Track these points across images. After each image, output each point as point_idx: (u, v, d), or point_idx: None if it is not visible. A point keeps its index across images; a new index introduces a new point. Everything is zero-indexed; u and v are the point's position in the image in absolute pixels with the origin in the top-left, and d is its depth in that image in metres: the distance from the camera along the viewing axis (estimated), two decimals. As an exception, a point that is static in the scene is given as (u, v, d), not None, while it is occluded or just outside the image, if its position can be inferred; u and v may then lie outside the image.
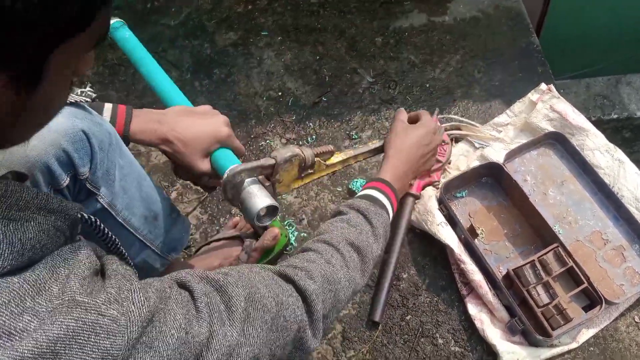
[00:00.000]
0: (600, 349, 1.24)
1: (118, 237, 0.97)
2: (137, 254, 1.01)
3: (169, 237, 1.06)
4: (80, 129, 0.81)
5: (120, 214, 0.93)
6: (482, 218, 1.39)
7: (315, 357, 1.26)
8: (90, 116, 0.84)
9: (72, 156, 0.81)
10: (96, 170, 0.86)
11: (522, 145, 1.43)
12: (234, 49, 1.84)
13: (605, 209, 1.37)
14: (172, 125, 0.92)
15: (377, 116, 1.64)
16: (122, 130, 0.90)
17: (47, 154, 0.78)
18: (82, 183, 0.85)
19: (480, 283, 1.25)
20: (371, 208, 0.94)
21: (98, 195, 0.89)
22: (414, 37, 1.82)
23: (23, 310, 0.45)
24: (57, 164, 0.79)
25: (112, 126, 0.88)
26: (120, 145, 0.91)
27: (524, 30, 1.81)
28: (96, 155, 0.85)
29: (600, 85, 2.10)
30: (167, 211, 1.04)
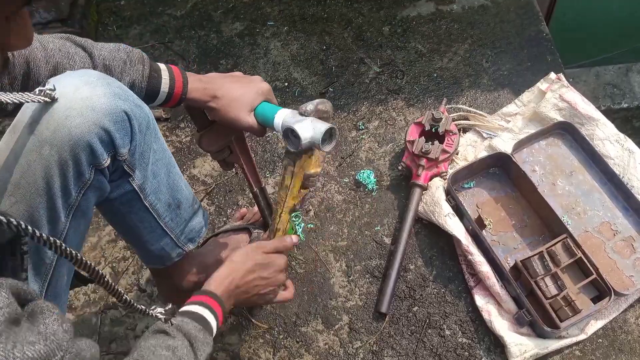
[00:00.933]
0: (609, 341, 1.24)
1: (141, 222, 0.97)
2: (156, 240, 1.02)
3: (188, 227, 1.06)
4: (123, 110, 0.81)
5: (148, 198, 0.94)
6: (490, 209, 1.38)
7: (322, 348, 1.27)
8: (132, 97, 0.84)
9: (113, 136, 0.81)
10: (135, 151, 0.87)
11: (531, 135, 1.42)
12: (240, 39, 1.83)
13: (615, 199, 1.36)
14: (219, 84, 0.98)
15: (384, 106, 1.63)
16: (181, 89, 0.95)
17: (90, 133, 0.78)
18: (119, 163, 0.86)
19: (487, 274, 1.24)
20: (199, 336, 0.83)
21: (131, 177, 0.89)
22: (422, 26, 1.80)
23: None
24: (99, 143, 0.80)
25: (150, 110, 0.89)
26: (156, 129, 0.93)
27: (533, 19, 1.78)
28: (136, 137, 0.85)
29: (611, 74, 2.08)
30: (190, 201, 1.05)
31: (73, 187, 0.81)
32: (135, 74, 0.92)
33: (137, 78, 0.92)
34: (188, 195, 1.04)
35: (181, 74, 0.96)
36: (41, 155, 0.77)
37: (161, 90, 0.95)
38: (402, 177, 1.48)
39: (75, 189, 0.82)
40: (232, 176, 1.54)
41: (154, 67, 0.94)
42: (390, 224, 1.42)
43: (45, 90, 0.75)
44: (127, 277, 1.40)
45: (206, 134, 1.07)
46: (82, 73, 0.81)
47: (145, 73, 0.93)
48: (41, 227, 0.80)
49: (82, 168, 0.80)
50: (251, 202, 1.49)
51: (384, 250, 1.38)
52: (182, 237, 1.06)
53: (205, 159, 1.58)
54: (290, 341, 1.28)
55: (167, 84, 0.94)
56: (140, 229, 0.99)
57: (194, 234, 1.08)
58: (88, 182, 0.82)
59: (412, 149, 1.39)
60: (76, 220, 0.85)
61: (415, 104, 1.63)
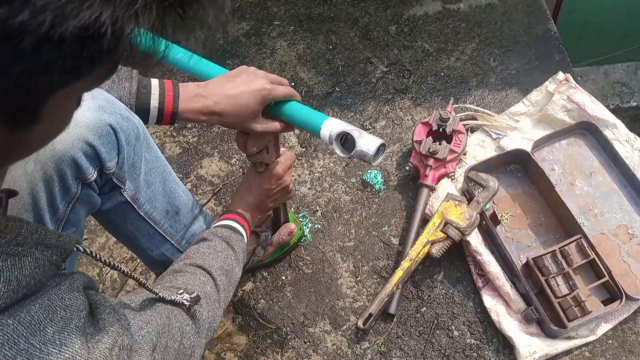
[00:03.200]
0: (619, 342, 1.23)
1: (138, 230, 0.97)
2: (156, 247, 1.02)
3: (189, 232, 1.06)
4: (108, 124, 0.80)
5: (143, 207, 0.94)
6: (506, 205, 1.37)
7: (330, 349, 1.26)
8: (119, 109, 0.83)
9: (99, 150, 0.81)
10: (123, 164, 0.86)
11: (552, 134, 1.41)
12: (247, 39, 1.83)
13: (634, 203, 1.34)
14: (217, 98, 0.91)
15: (391, 106, 1.63)
16: (170, 109, 0.89)
17: (73, 148, 0.78)
18: (108, 177, 0.86)
19: (497, 274, 1.23)
20: (232, 235, 0.99)
21: (122, 189, 0.89)
22: (429, 25, 1.79)
23: (17, 353, 0.44)
24: (84, 158, 0.79)
25: (140, 120, 0.88)
26: (148, 139, 0.92)
27: (541, 17, 1.77)
28: (123, 150, 0.85)
29: (620, 72, 2.06)
30: (189, 207, 1.05)
31: (60, 202, 0.81)
32: (121, 91, 0.88)
33: (123, 95, 0.88)
34: (187, 201, 1.04)
35: (172, 89, 0.90)
36: (26, 171, 0.77)
37: (151, 106, 0.90)
38: (409, 177, 1.48)
39: (63, 203, 0.82)
40: (239, 176, 1.54)
41: (143, 83, 0.90)
42: (397, 225, 1.41)
43: None
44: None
45: (251, 136, 1.01)
46: None
47: (132, 90, 0.89)
48: None
49: (68, 183, 0.80)
50: (258, 202, 1.49)
51: (391, 250, 1.38)
52: (184, 242, 1.06)
53: (212, 159, 1.58)
54: (298, 341, 1.28)
55: (157, 100, 0.89)
56: (138, 237, 0.99)
57: (195, 238, 1.08)
58: (75, 196, 0.82)
59: (419, 149, 1.39)
60: None
61: (423, 104, 1.62)
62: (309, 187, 1.50)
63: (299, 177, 1.52)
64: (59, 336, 0.47)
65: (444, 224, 1.24)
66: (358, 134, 0.90)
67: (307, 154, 1.56)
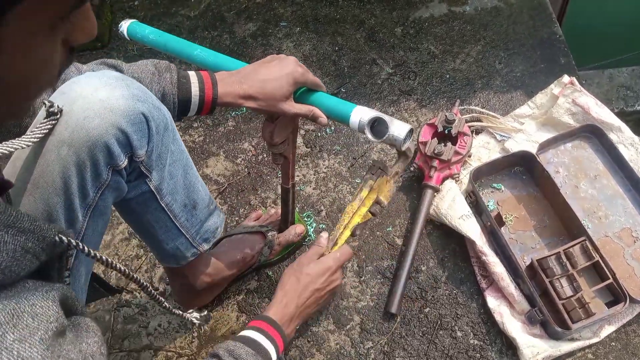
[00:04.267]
0: (622, 344, 1.23)
1: (157, 222, 0.98)
2: (171, 240, 1.03)
3: (204, 227, 1.07)
4: (141, 112, 0.82)
5: (164, 199, 0.95)
6: (511, 207, 1.38)
7: (334, 348, 1.27)
8: (151, 99, 0.85)
9: (131, 138, 0.82)
10: (152, 153, 0.87)
11: (557, 137, 1.42)
12: (253, 39, 1.84)
13: (638, 206, 1.35)
14: (251, 82, 0.95)
15: (396, 107, 1.63)
16: (211, 94, 0.93)
17: (107, 134, 0.79)
18: (136, 165, 0.87)
19: (501, 275, 1.24)
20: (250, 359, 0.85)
21: (148, 178, 0.90)
22: (434, 27, 1.80)
23: None
24: (116, 145, 0.80)
25: (168, 111, 0.90)
26: (175, 131, 0.93)
27: (546, 20, 1.78)
28: (153, 139, 0.86)
29: (624, 76, 2.06)
30: (206, 202, 1.06)
31: (91, 187, 0.82)
32: (163, 82, 0.92)
33: (166, 86, 0.92)
34: (204, 196, 1.05)
35: (210, 77, 0.94)
36: (59, 155, 0.78)
37: (192, 94, 0.93)
38: (414, 178, 1.48)
39: (93, 189, 0.83)
40: (245, 176, 1.55)
41: (181, 74, 0.94)
42: (402, 225, 1.42)
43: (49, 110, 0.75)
44: (140, 275, 1.41)
45: (278, 125, 1.04)
46: (101, 74, 0.82)
47: (174, 80, 0.93)
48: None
49: (100, 169, 0.81)
50: (263, 201, 1.50)
51: (395, 251, 1.38)
52: (197, 237, 1.06)
53: (218, 159, 1.59)
54: (301, 341, 1.29)
55: (197, 88, 0.93)
56: (156, 229, 1.00)
57: (209, 234, 1.09)
58: (105, 183, 0.83)
59: (424, 150, 1.39)
60: (94, 220, 0.86)
61: (428, 105, 1.63)
62: (313, 187, 1.51)
63: (303, 177, 1.53)
64: (18, 345, 0.43)
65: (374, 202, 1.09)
66: (389, 119, 0.94)
67: (312, 154, 1.57)
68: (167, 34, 1.10)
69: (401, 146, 0.95)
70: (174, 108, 0.93)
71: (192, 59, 1.08)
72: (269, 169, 1.55)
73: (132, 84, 0.83)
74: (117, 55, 1.87)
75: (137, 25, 1.11)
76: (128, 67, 0.91)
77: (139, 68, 0.91)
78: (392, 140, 0.94)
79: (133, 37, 1.12)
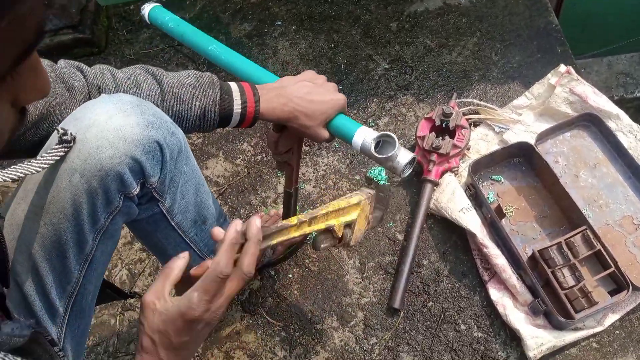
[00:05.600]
0: (627, 332, 1.23)
1: (166, 239, 0.98)
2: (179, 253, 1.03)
3: (212, 240, 1.07)
4: (155, 140, 0.80)
5: (175, 218, 0.95)
6: (511, 198, 1.38)
7: (338, 345, 1.27)
8: (166, 125, 0.83)
9: (144, 166, 0.81)
10: (165, 179, 0.87)
11: (555, 127, 1.41)
12: (249, 39, 1.84)
13: (639, 193, 1.34)
14: (297, 101, 0.93)
15: (393, 102, 1.63)
16: (253, 112, 0.91)
17: (120, 163, 0.78)
18: (148, 190, 0.86)
19: (503, 267, 1.24)
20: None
21: (160, 202, 0.90)
22: (430, 21, 1.79)
23: None
24: (129, 173, 0.80)
25: (182, 133, 0.88)
26: (188, 152, 0.92)
27: (542, 10, 1.77)
28: (167, 165, 0.85)
29: (623, 63, 2.05)
30: (215, 216, 1.05)
31: (101, 214, 0.82)
32: (206, 98, 0.89)
33: (208, 103, 0.89)
34: (214, 211, 1.05)
35: (252, 92, 0.91)
36: (71, 183, 0.77)
37: (234, 111, 0.91)
38: (413, 173, 1.48)
39: (104, 215, 0.82)
40: (244, 176, 1.55)
41: (224, 88, 0.91)
42: (402, 220, 1.42)
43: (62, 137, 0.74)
44: (143, 279, 1.42)
45: (283, 136, 1.03)
46: (116, 99, 0.80)
47: (217, 97, 0.89)
48: (68, 250, 0.81)
49: (112, 196, 0.80)
50: (264, 201, 1.50)
51: (396, 246, 1.39)
52: (206, 249, 1.07)
53: (217, 160, 1.59)
54: (306, 338, 1.29)
55: (239, 105, 0.90)
56: (165, 245, 1.00)
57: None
58: (117, 209, 0.83)
59: (422, 144, 1.39)
60: (103, 242, 0.86)
61: (425, 99, 1.63)
62: (313, 185, 1.51)
63: (303, 175, 1.53)
64: None
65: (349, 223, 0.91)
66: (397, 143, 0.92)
67: (312, 152, 1.57)
68: (186, 24, 1.07)
69: (401, 173, 0.92)
70: (213, 124, 0.91)
71: (206, 53, 1.05)
72: (268, 168, 1.56)
73: (147, 110, 0.81)
74: (114, 60, 1.88)
75: (159, 10, 1.09)
76: (168, 81, 0.88)
77: (179, 82, 0.88)
78: (394, 162, 0.92)
79: (153, 21, 1.10)
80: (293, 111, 0.93)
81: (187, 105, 0.88)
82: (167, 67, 1.82)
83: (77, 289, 0.86)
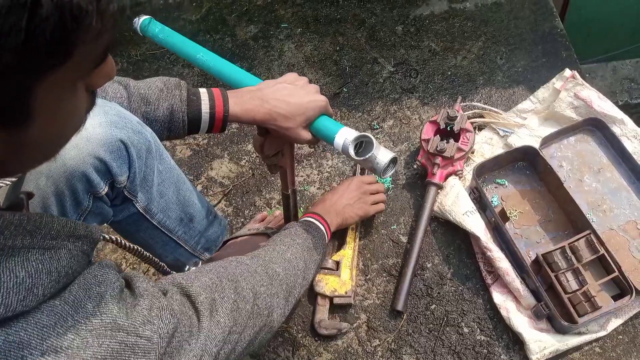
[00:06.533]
0: (630, 337, 1.23)
1: (152, 238, 0.99)
2: (170, 252, 1.04)
3: (204, 237, 1.08)
4: (119, 139, 0.81)
5: (156, 217, 0.95)
6: (515, 202, 1.38)
7: (341, 347, 1.28)
8: (131, 124, 0.83)
9: (110, 165, 0.82)
10: (134, 178, 0.87)
11: (560, 131, 1.41)
12: (255, 42, 1.85)
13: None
14: (274, 103, 0.92)
15: (398, 105, 1.64)
16: (222, 112, 0.90)
17: (84, 164, 0.79)
18: (119, 190, 0.87)
19: (507, 270, 1.24)
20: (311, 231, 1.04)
21: (134, 201, 0.90)
22: (435, 24, 1.80)
23: (66, 329, 0.48)
24: (95, 173, 0.80)
25: (152, 132, 0.88)
26: (161, 151, 0.92)
27: (547, 14, 1.77)
28: (134, 164, 0.85)
29: (628, 68, 2.06)
30: (203, 214, 1.06)
31: (72, 215, 0.82)
32: (172, 99, 0.89)
33: (175, 103, 0.89)
34: (201, 208, 1.05)
35: (221, 93, 0.91)
36: (38, 186, 0.78)
37: (202, 111, 0.90)
38: (417, 175, 1.49)
39: (74, 216, 0.83)
40: (249, 177, 1.56)
41: (192, 91, 0.91)
42: (406, 223, 1.42)
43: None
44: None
45: (268, 139, 1.02)
46: None
47: (183, 97, 0.90)
48: None
49: (80, 197, 0.81)
50: (268, 202, 1.51)
51: (400, 248, 1.39)
52: (199, 247, 1.07)
53: (222, 161, 1.60)
54: (309, 340, 1.30)
55: (207, 104, 0.90)
56: (152, 244, 1.01)
57: (210, 243, 1.10)
58: (87, 209, 0.84)
59: (427, 147, 1.40)
60: None
61: (430, 103, 1.63)
62: (317, 187, 1.52)
63: (307, 177, 1.54)
64: (97, 309, 0.52)
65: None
66: (376, 143, 0.92)
67: (316, 154, 1.58)
68: (176, 34, 1.09)
69: (382, 173, 0.92)
70: (183, 125, 0.90)
71: (195, 61, 1.07)
72: (273, 170, 1.56)
73: (110, 110, 0.81)
74: (120, 61, 1.89)
75: (151, 22, 1.12)
76: (135, 85, 0.89)
77: (146, 85, 0.90)
78: (373, 163, 0.91)
79: (145, 33, 1.12)
80: (270, 112, 0.91)
81: (154, 106, 0.88)
82: (173, 68, 1.83)
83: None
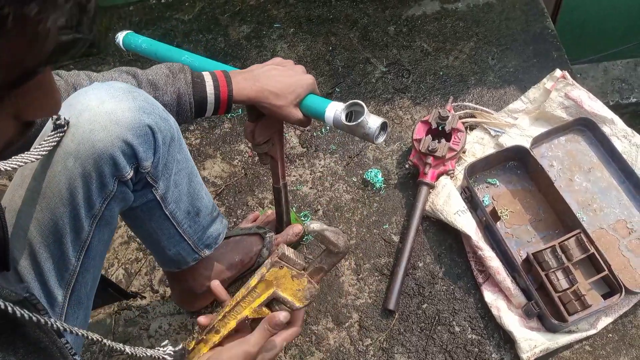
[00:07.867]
0: (620, 336, 1.24)
1: (160, 229, 0.99)
2: (173, 245, 1.04)
3: (206, 234, 1.08)
4: (147, 124, 0.82)
5: (169, 207, 0.96)
6: (506, 202, 1.39)
7: (333, 346, 1.28)
8: (158, 110, 0.85)
9: (136, 150, 0.82)
10: (158, 164, 0.88)
11: (551, 131, 1.42)
12: (247, 41, 1.85)
13: (632, 197, 1.35)
14: (265, 81, 0.96)
15: (390, 105, 1.64)
16: (226, 92, 0.94)
17: (113, 146, 0.79)
18: (142, 175, 0.87)
19: (497, 269, 1.25)
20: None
21: (154, 188, 0.91)
22: (427, 25, 1.81)
23: None
24: (122, 157, 0.81)
25: (175, 121, 0.90)
26: (181, 140, 0.93)
27: (539, 15, 1.78)
28: (159, 150, 0.86)
29: (619, 69, 2.07)
30: (209, 209, 1.06)
31: (97, 198, 0.83)
32: (178, 83, 0.92)
33: (181, 86, 0.92)
34: (207, 203, 1.06)
35: (223, 75, 0.95)
36: (66, 167, 0.78)
37: (207, 92, 0.93)
38: (409, 175, 1.49)
39: (99, 199, 0.83)
40: (242, 177, 1.56)
41: (195, 74, 0.94)
42: (398, 222, 1.43)
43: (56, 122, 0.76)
44: (139, 278, 1.43)
45: (259, 125, 1.05)
46: (108, 85, 0.82)
47: (188, 80, 0.93)
48: (65, 236, 0.82)
49: (106, 180, 0.81)
50: (260, 202, 1.51)
51: (392, 248, 1.39)
52: (200, 243, 1.07)
53: (215, 161, 1.60)
54: (301, 339, 1.30)
55: (211, 86, 0.93)
56: (159, 235, 1.01)
57: (211, 240, 1.10)
58: (111, 193, 0.84)
59: (419, 147, 1.40)
60: (100, 229, 0.87)
61: (422, 103, 1.64)
62: (310, 186, 1.52)
63: (300, 176, 1.54)
64: None
65: (271, 299, 0.86)
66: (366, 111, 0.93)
67: (308, 154, 1.58)
68: (158, 43, 1.12)
69: (374, 139, 0.93)
70: (190, 108, 0.93)
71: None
72: (265, 169, 1.57)
73: (138, 96, 0.82)
74: (113, 60, 1.88)
75: (132, 35, 1.14)
76: (143, 72, 0.92)
77: (152, 72, 0.92)
78: (365, 128, 0.92)
79: (128, 47, 1.14)
80: (262, 90, 0.95)
81: (162, 91, 0.91)
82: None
83: (75, 276, 0.87)
